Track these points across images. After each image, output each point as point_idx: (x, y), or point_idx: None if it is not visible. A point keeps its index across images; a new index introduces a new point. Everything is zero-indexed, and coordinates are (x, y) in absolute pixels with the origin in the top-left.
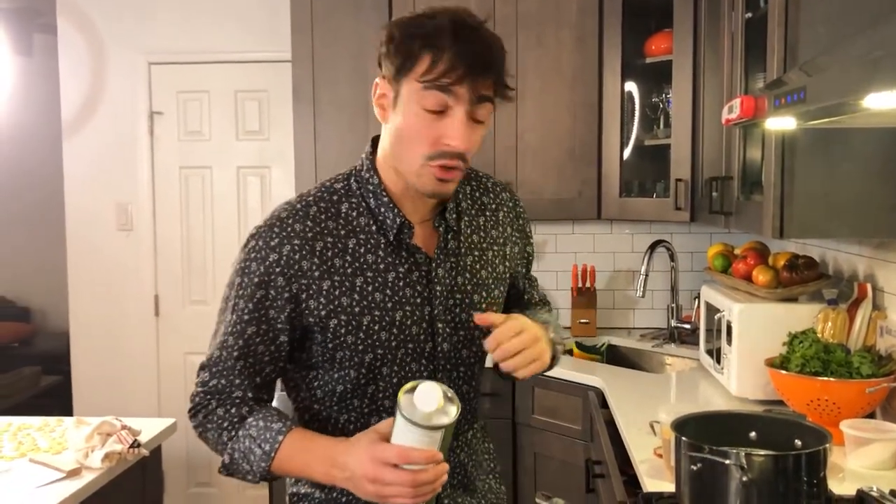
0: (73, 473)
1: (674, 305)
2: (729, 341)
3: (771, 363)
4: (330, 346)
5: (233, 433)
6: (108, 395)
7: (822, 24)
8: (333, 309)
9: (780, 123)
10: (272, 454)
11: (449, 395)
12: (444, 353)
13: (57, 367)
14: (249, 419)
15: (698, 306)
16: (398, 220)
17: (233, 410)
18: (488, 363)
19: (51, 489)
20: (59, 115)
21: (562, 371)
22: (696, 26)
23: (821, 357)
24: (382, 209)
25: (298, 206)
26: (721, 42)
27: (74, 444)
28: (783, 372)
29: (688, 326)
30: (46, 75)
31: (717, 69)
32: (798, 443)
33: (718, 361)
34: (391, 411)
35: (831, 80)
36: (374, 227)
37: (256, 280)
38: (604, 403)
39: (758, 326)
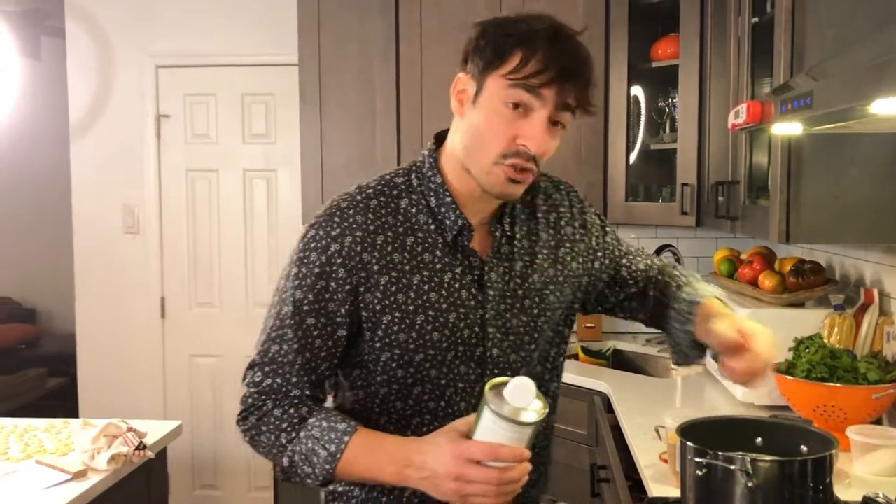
0: (78, 475)
1: None
2: None
3: (777, 369)
4: (378, 344)
5: (293, 434)
6: (114, 398)
7: (828, 29)
8: (388, 305)
9: (787, 129)
10: (338, 455)
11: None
12: (493, 357)
13: (63, 368)
14: (311, 419)
15: None
16: (459, 221)
17: (291, 411)
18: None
19: (57, 491)
20: (66, 117)
21: (567, 375)
22: (703, 31)
23: (827, 363)
24: (443, 209)
25: (359, 197)
26: (727, 47)
27: (80, 446)
28: (789, 377)
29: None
30: (54, 78)
31: (724, 74)
32: (804, 449)
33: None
34: (434, 414)
35: (838, 85)
36: (432, 227)
37: (317, 270)
38: (609, 408)
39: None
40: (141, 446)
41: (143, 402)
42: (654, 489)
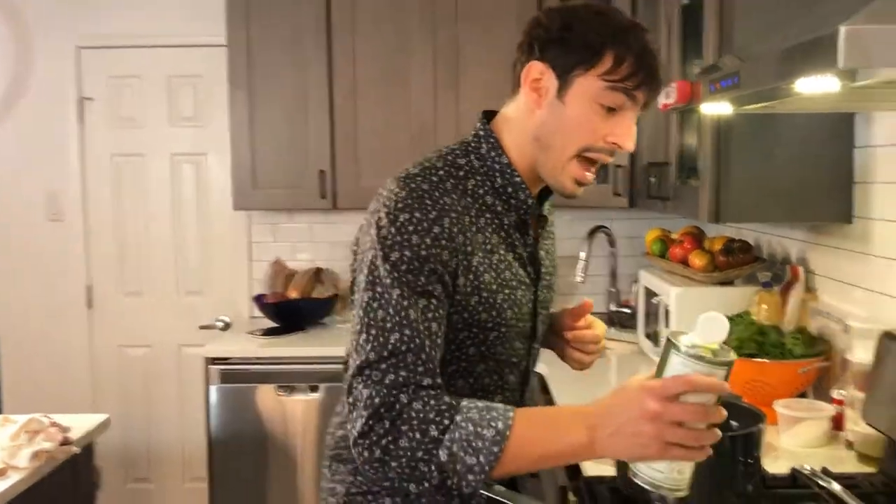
0: None
1: (614, 290)
2: (667, 324)
3: None
4: (459, 325)
5: (446, 422)
6: (40, 392)
7: (756, 10)
8: (477, 286)
9: (716, 109)
10: (507, 433)
11: None
12: (537, 331)
13: None
14: (464, 402)
15: (637, 291)
16: (529, 200)
17: (432, 402)
18: None
19: None
20: None
21: None
22: (634, 13)
23: (756, 339)
24: (510, 188)
25: (434, 179)
26: (658, 28)
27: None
28: None
29: (628, 310)
30: None
31: None
32: (734, 423)
33: (657, 345)
34: (487, 389)
35: (764, 65)
36: (499, 207)
37: (423, 253)
38: (545, 388)
39: (695, 309)
40: (65, 441)
41: (70, 396)
42: (590, 468)
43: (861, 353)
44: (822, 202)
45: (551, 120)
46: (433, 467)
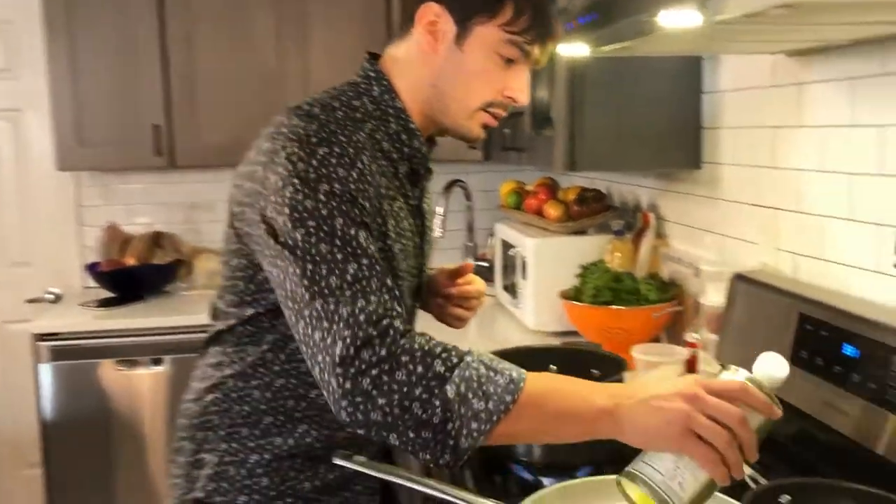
0: None
1: (471, 244)
2: (524, 276)
3: (565, 295)
4: None
5: (455, 360)
6: None
7: None
8: (384, 232)
9: (574, 50)
10: (521, 383)
11: None
12: (423, 287)
13: None
14: (471, 349)
15: (494, 244)
16: (423, 148)
17: (434, 341)
18: None
19: None
20: None
21: None
22: None
23: (611, 286)
24: (404, 136)
25: (338, 116)
26: None
27: None
28: (577, 303)
29: (485, 264)
30: None
31: None
32: (595, 372)
33: (515, 296)
34: None
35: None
36: (393, 155)
37: (352, 187)
38: None
39: (551, 260)
40: None
41: None
42: None
43: (713, 296)
44: (673, 148)
45: (450, 67)
46: (437, 404)
